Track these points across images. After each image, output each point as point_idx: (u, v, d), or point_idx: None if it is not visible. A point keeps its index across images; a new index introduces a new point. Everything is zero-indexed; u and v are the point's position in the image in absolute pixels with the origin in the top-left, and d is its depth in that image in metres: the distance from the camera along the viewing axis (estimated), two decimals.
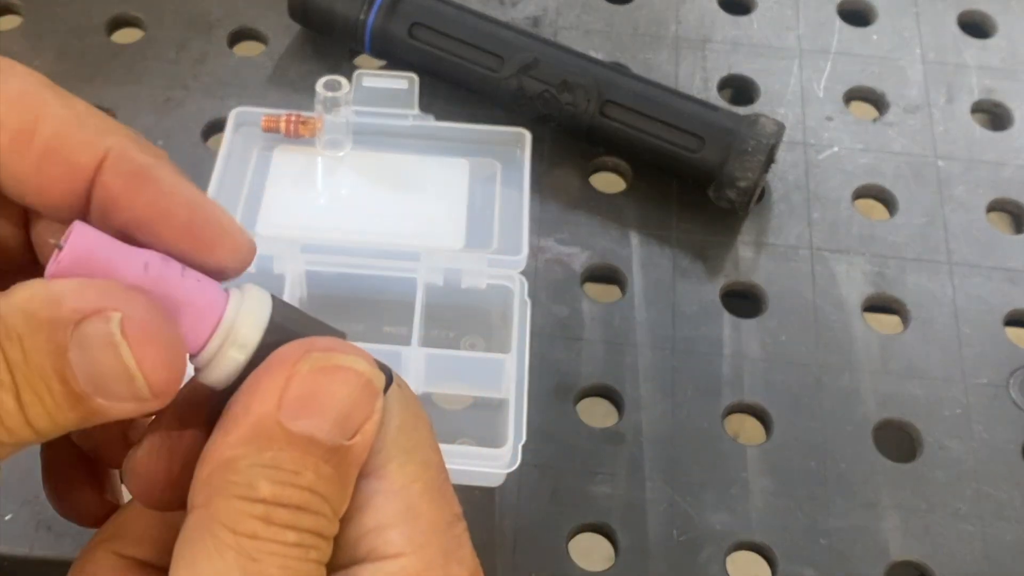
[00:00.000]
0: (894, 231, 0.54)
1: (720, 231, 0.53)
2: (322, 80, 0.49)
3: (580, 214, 0.53)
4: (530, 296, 0.47)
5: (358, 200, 0.50)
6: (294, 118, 0.50)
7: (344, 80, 0.49)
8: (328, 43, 0.58)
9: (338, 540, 0.26)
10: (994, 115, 0.59)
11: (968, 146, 0.57)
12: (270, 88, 0.57)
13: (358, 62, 0.58)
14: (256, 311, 0.26)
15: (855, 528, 0.45)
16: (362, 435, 0.26)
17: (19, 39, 0.57)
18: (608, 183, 0.55)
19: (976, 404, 0.48)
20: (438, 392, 0.47)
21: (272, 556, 0.24)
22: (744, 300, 0.52)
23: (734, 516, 0.45)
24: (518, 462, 0.42)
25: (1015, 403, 0.49)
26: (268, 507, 0.24)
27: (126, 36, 0.58)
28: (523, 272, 0.47)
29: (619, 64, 0.58)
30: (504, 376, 0.45)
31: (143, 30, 0.59)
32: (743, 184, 0.51)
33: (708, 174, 0.51)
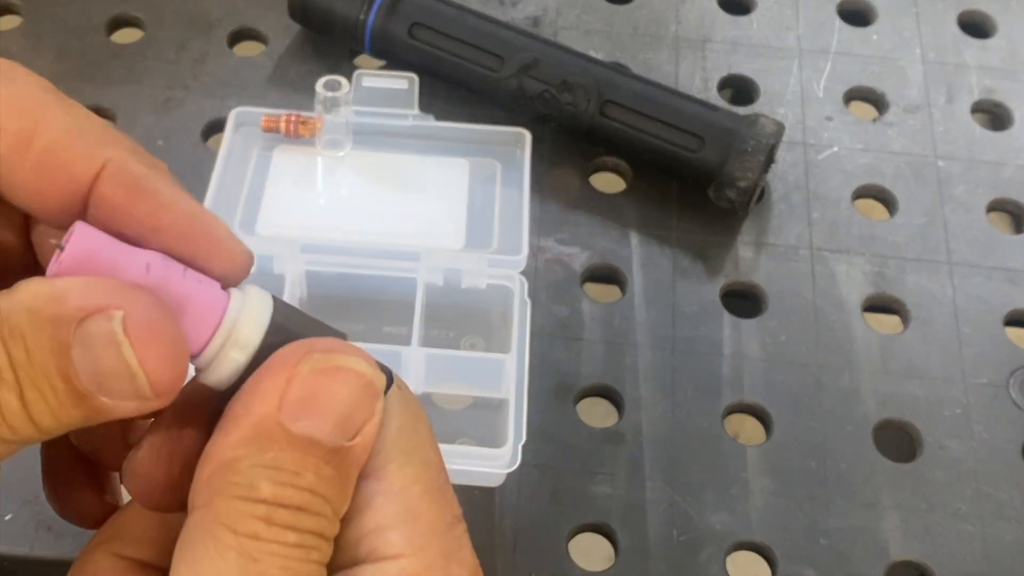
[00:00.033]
0: (894, 231, 0.54)
1: (720, 231, 0.53)
2: (322, 80, 0.49)
3: (580, 214, 0.53)
4: (530, 296, 0.47)
5: (358, 200, 0.50)
6: (294, 118, 0.50)
7: (344, 80, 0.49)
8: (328, 43, 0.58)
9: (338, 541, 0.26)
10: (994, 115, 0.59)
11: (968, 146, 0.57)
12: (270, 88, 0.57)
13: (358, 62, 0.58)
14: (257, 312, 0.27)
15: (855, 528, 0.45)
16: (362, 436, 0.26)
17: (19, 39, 0.57)
18: (608, 183, 0.55)
19: (976, 404, 0.49)
20: (438, 392, 0.47)
21: (273, 557, 0.24)
22: (744, 300, 0.52)
23: (734, 516, 0.45)
24: (518, 462, 0.42)
25: (1015, 403, 0.49)
26: (269, 508, 0.24)
27: (126, 36, 0.58)
28: (523, 272, 0.47)
29: (619, 64, 0.58)
30: (504, 376, 0.45)
31: (143, 30, 0.59)
32: (743, 184, 0.51)
33: (708, 174, 0.51)
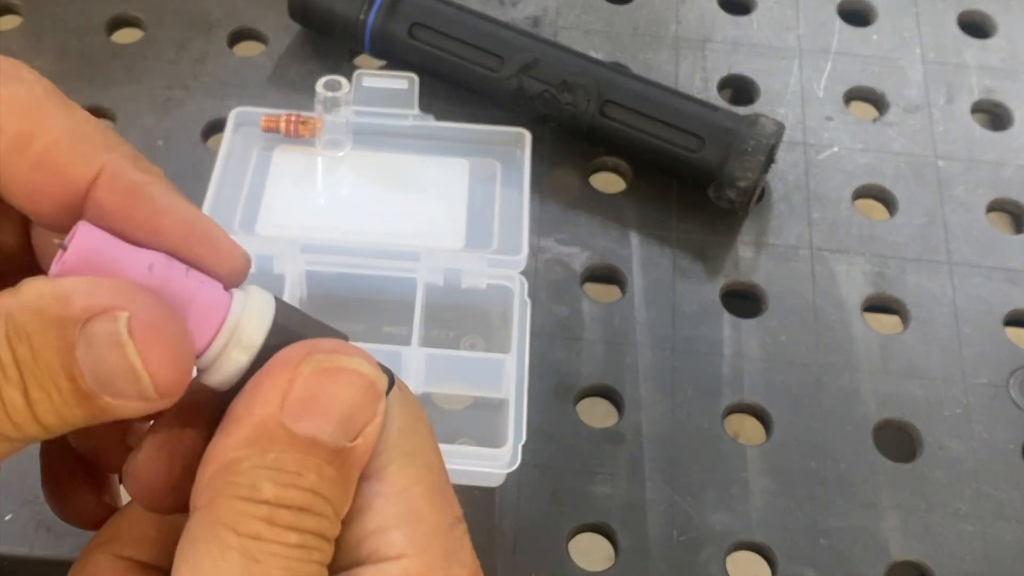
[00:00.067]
0: (894, 231, 0.54)
1: (720, 231, 0.53)
2: (322, 80, 0.49)
3: (580, 214, 0.53)
4: (530, 296, 0.47)
5: (358, 200, 0.50)
6: (294, 118, 0.50)
7: (344, 80, 0.49)
8: (328, 43, 0.58)
9: (339, 542, 0.26)
10: (994, 115, 0.59)
11: (968, 146, 0.57)
12: (270, 88, 0.57)
13: (358, 62, 0.58)
14: (260, 312, 0.27)
15: (855, 528, 0.45)
16: (364, 437, 0.26)
17: (19, 39, 0.57)
18: (608, 183, 0.55)
19: (976, 404, 0.49)
20: (438, 392, 0.47)
21: (275, 557, 0.24)
22: (744, 300, 0.52)
23: (734, 516, 0.45)
24: (518, 462, 0.42)
25: (1015, 403, 0.49)
26: (271, 508, 0.24)
27: (126, 36, 0.58)
28: (523, 272, 0.47)
29: (619, 64, 0.58)
30: (504, 376, 0.45)
31: (143, 30, 0.59)
32: (743, 184, 0.51)
33: (708, 174, 0.51)
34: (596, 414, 0.48)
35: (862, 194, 0.55)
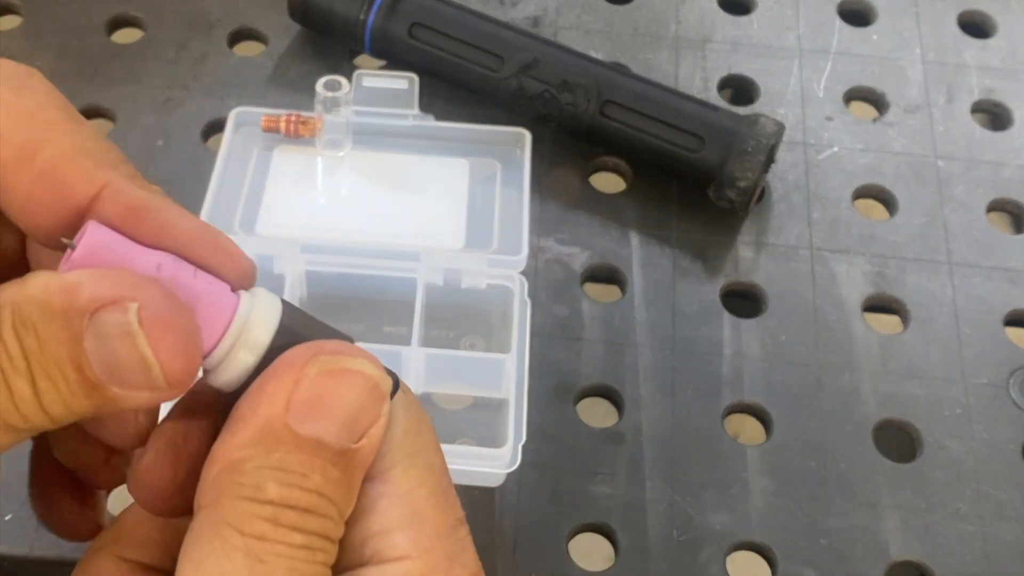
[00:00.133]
0: (894, 231, 0.54)
1: (720, 231, 0.53)
2: (322, 80, 0.49)
3: (580, 214, 0.53)
4: (530, 296, 0.47)
5: (358, 200, 0.50)
6: (294, 118, 0.50)
7: (344, 80, 0.49)
8: (328, 43, 0.58)
9: (343, 543, 0.26)
10: (994, 115, 0.59)
11: (968, 146, 0.57)
12: (270, 88, 0.57)
13: (358, 62, 0.58)
14: (267, 314, 0.27)
15: (855, 528, 0.45)
16: (368, 439, 0.26)
17: (19, 39, 0.57)
18: (608, 183, 0.55)
19: (976, 404, 0.49)
20: (438, 392, 0.47)
21: (279, 558, 0.24)
22: (744, 300, 0.52)
23: (734, 516, 0.45)
24: (518, 462, 0.42)
25: (1015, 403, 0.49)
26: (276, 509, 0.24)
27: (126, 36, 0.58)
28: (523, 272, 0.47)
29: (619, 64, 0.58)
30: (504, 376, 0.45)
31: (143, 30, 0.59)
32: (743, 184, 0.51)
33: (708, 174, 0.51)
34: (596, 414, 0.48)
35: (862, 194, 0.55)
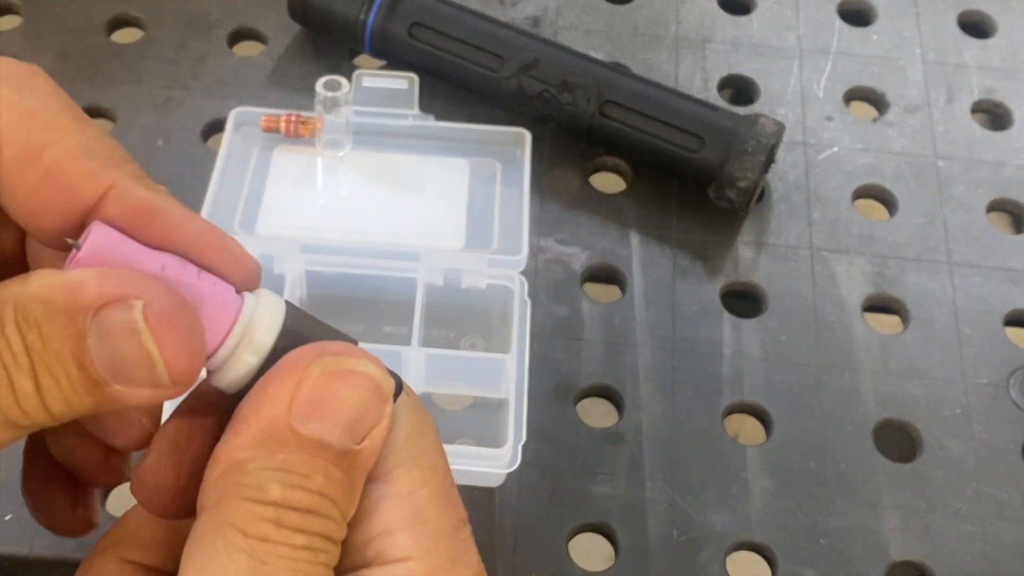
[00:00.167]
0: (894, 231, 0.54)
1: (720, 231, 0.53)
2: (322, 80, 0.49)
3: (580, 214, 0.53)
4: (530, 296, 0.47)
5: (358, 200, 0.50)
6: (294, 118, 0.50)
7: (344, 80, 0.49)
8: (328, 43, 0.58)
9: (346, 544, 0.26)
10: (994, 115, 0.59)
11: (968, 146, 0.57)
12: (270, 88, 0.57)
13: (358, 62, 0.58)
14: (271, 315, 0.27)
15: (855, 528, 0.45)
16: (371, 440, 0.26)
17: (19, 39, 0.57)
18: (608, 183, 0.55)
19: (976, 404, 0.49)
20: (438, 392, 0.47)
21: (282, 559, 0.24)
22: (744, 300, 0.52)
23: (734, 516, 0.45)
24: (518, 462, 0.42)
25: (1015, 403, 0.49)
26: (279, 510, 0.24)
27: (126, 36, 0.58)
28: (523, 272, 0.47)
29: (619, 64, 0.58)
30: (504, 376, 0.45)
31: (143, 30, 0.59)
32: (743, 184, 0.51)
33: (708, 174, 0.51)
34: (596, 414, 0.48)
35: (862, 194, 0.55)
